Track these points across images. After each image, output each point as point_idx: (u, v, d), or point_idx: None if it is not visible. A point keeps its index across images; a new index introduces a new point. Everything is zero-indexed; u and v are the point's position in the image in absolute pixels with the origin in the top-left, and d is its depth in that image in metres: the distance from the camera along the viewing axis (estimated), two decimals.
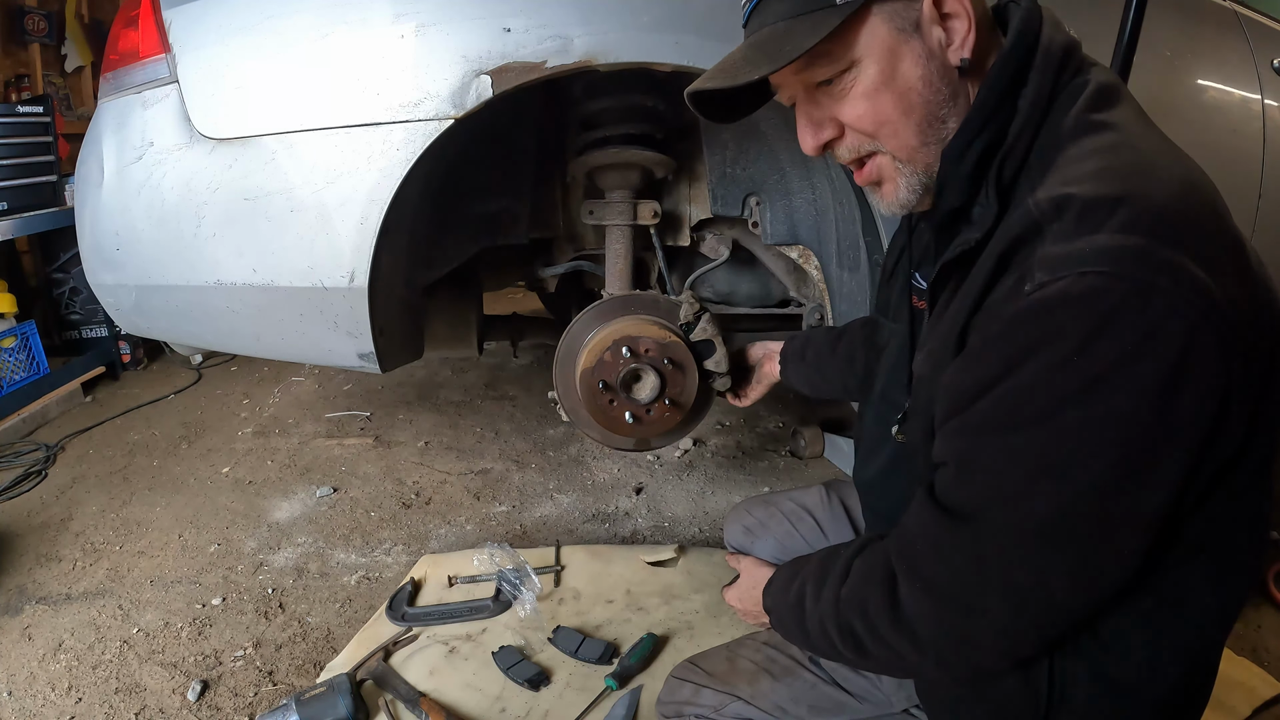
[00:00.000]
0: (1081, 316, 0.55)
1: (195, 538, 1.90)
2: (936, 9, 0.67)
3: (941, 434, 0.67)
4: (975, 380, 0.62)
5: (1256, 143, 1.83)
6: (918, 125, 0.70)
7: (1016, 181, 0.67)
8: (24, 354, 2.62)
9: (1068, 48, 0.69)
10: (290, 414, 2.70)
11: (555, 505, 2.06)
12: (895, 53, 0.68)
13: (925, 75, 0.68)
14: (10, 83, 3.41)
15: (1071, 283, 0.56)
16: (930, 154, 0.71)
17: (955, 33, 0.67)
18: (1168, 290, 0.54)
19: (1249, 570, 0.68)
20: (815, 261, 1.65)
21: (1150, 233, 0.55)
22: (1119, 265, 0.55)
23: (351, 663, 1.39)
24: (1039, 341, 0.57)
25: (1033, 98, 0.66)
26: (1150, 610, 0.66)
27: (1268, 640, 1.51)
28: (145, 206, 1.37)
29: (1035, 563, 0.61)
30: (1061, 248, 0.58)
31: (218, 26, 1.31)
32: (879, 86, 0.69)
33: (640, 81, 1.46)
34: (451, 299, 1.87)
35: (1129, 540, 0.60)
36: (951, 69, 0.68)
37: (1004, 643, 0.66)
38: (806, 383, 1.28)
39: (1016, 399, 0.59)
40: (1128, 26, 1.35)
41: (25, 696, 1.39)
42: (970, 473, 0.64)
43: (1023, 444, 0.59)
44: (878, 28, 0.67)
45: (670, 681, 1.07)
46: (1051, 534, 0.60)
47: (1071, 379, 0.56)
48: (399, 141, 1.24)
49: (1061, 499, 0.59)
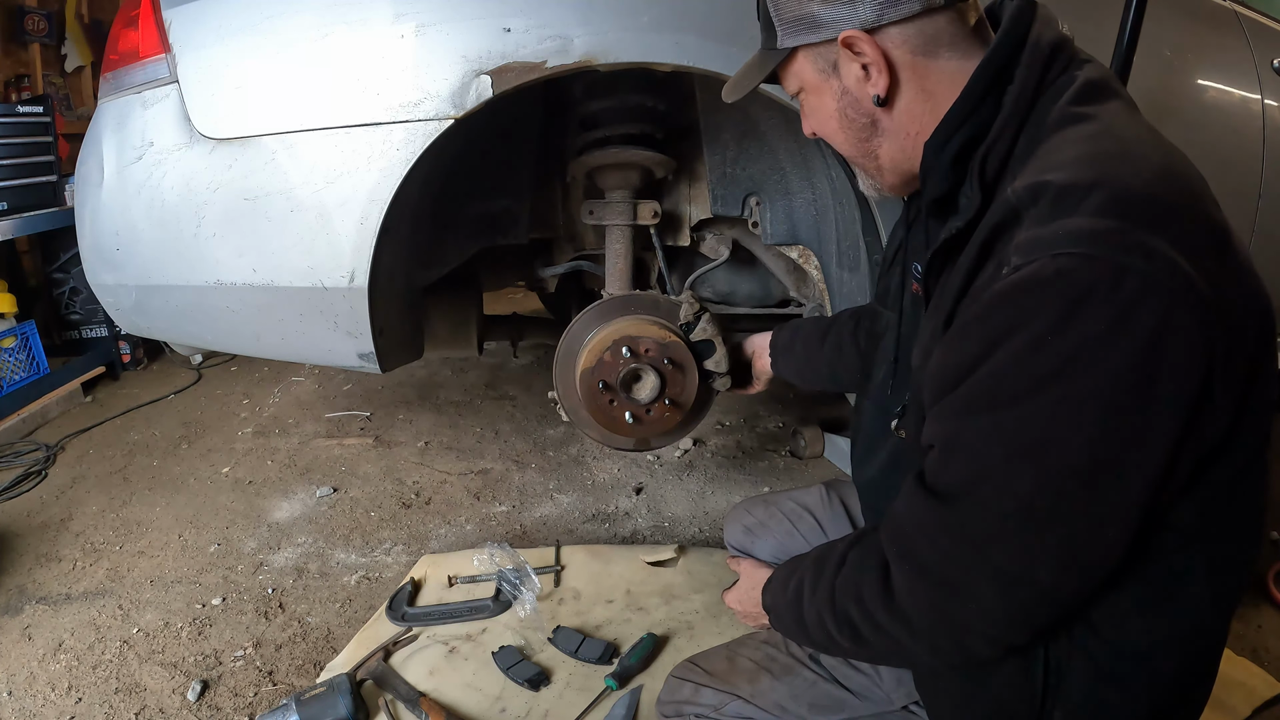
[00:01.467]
0: (1055, 297, 0.56)
1: (195, 538, 1.90)
2: (850, 50, 0.73)
3: (929, 418, 0.68)
4: (957, 363, 0.64)
5: (1256, 143, 1.83)
6: (846, 145, 0.82)
7: (1001, 175, 0.68)
8: (24, 354, 2.62)
9: (1056, 44, 0.70)
10: (290, 414, 2.70)
11: (555, 505, 2.06)
12: (819, 88, 0.79)
13: (840, 108, 0.78)
14: (10, 83, 3.41)
15: (1044, 264, 0.57)
16: (866, 164, 0.82)
17: (871, 72, 0.74)
18: (1141, 270, 0.54)
19: (1244, 562, 0.68)
20: (815, 261, 1.65)
21: (1124, 215, 0.56)
22: (1092, 246, 0.55)
23: (351, 663, 1.39)
24: (1015, 322, 0.59)
25: (1017, 93, 0.68)
26: (1144, 599, 0.66)
27: (1268, 640, 1.51)
28: (145, 206, 1.37)
29: (1019, 544, 0.62)
30: (1036, 231, 0.59)
31: (218, 26, 1.31)
32: (813, 111, 0.83)
33: (640, 81, 1.46)
34: (451, 299, 1.87)
35: (1113, 523, 0.60)
36: (868, 101, 0.76)
37: (994, 629, 0.66)
38: (796, 374, 1.29)
39: (995, 379, 0.61)
40: (1128, 26, 1.35)
41: (25, 696, 1.39)
42: (953, 454, 0.65)
43: (1002, 424, 0.61)
44: (804, 67, 0.79)
45: (670, 681, 1.07)
46: (1033, 515, 0.61)
47: (1047, 359, 0.57)
48: (399, 141, 1.24)
49: (1041, 479, 0.60)
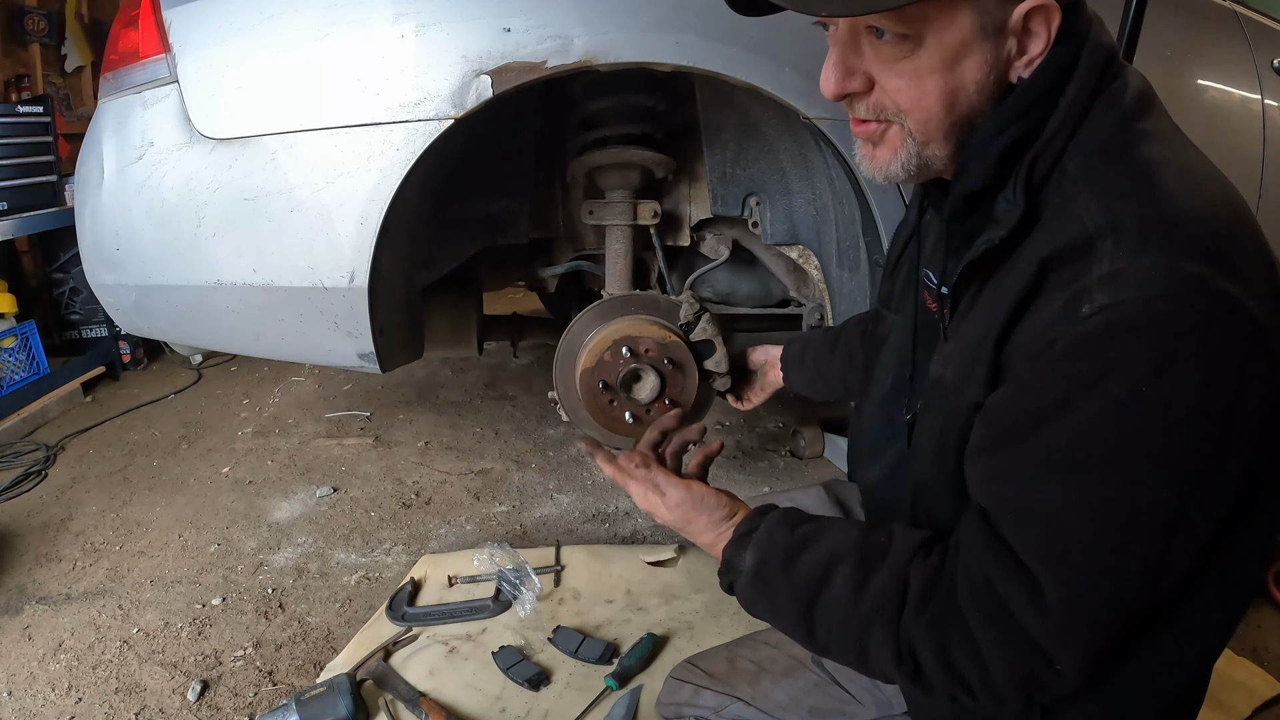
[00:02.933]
0: (1149, 346, 0.54)
1: (195, 538, 1.90)
2: (1025, 21, 0.62)
3: (986, 466, 0.64)
4: (1028, 410, 0.59)
5: (1256, 142, 1.83)
6: (951, 122, 0.66)
7: (1046, 183, 0.64)
8: (24, 354, 2.62)
9: (1112, 50, 0.67)
10: (290, 414, 2.70)
11: (555, 505, 2.06)
12: (965, 48, 0.63)
13: (980, 81, 0.64)
14: (10, 83, 3.41)
15: (1137, 308, 0.54)
16: (944, 147, 0.68)
17: (1028, 50, 0.64)
18: (1224, 321, 0.53)
19: (1254, 583, 0.68)
20: (815, 261, 1.65)
21: (1208, 258, 0.55)
22: (1184, 292, 0.54)
23: (351, 663, 1.39)
24: (1106, 369, 0.55)
25: (1073, 98, 0.63)
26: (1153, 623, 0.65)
27: (1268, 640, 1.51)
28: (145, 206, 1.37)
29: (1109, 609, 0.59)
30: (1121, 268, 0.55)
31: (218, 26, 1.31)
32: (931, 73, 0.64)
33: (640, 81, 1.46)
34: (451, 299, 1.87)
35: (1181, 568, 0.59)
36: (1005, 83, 0.65)
37: (1075, 680, 0.63)
38: (809, 386, 1.27)
39: (1079, 435, 0.57)
40: (1128, 26, 1.35)
41: (25, 696, 1.39)
42: (1031, 523, 0.60)
43: (1086, 489, 0.57)
44: (963, 17, 0.62)
45: (670, 682, 1.07)
46: (1123, 579, 0.58)
47: (1138, 413, 0.54)
48: (399, 141, 1.24)
49: (1132, 545, 0.57)
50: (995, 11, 0.62)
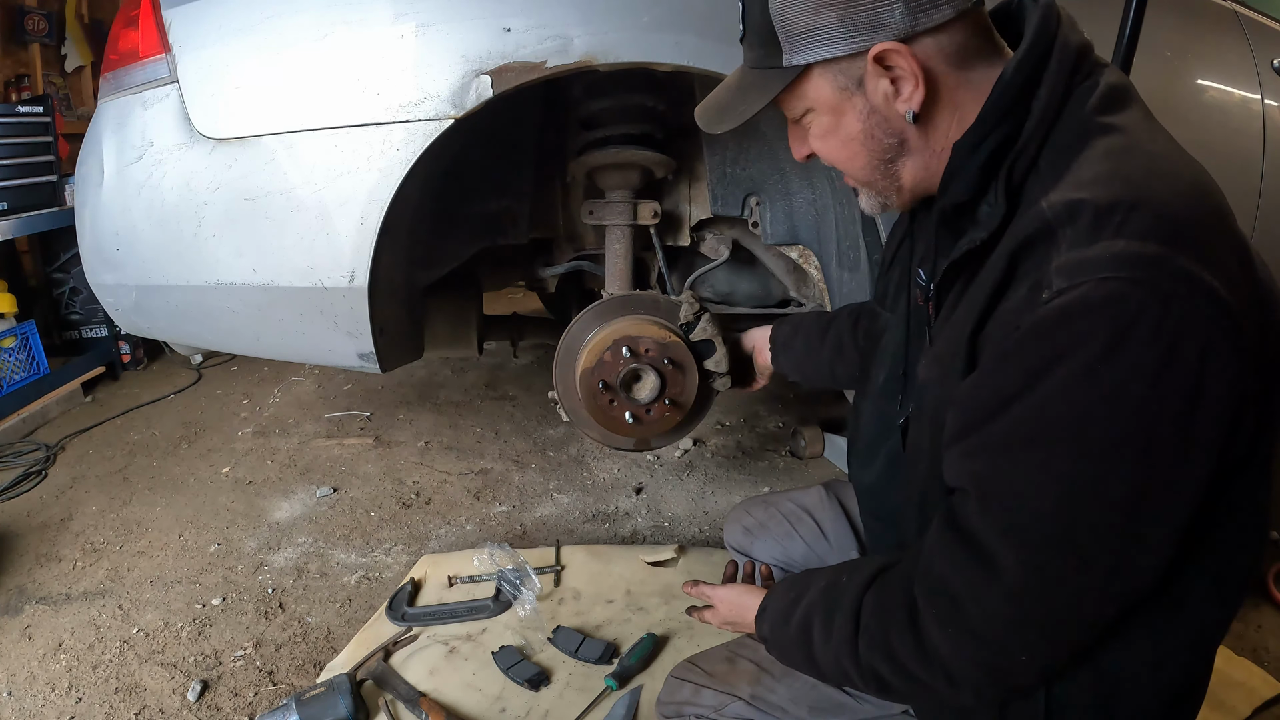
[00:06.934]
0: (1105, 324, 0.55)
1: (195, 538, 1.90)
2: (880, 65, 0.68)
3: (957, 452, 0.66)
4: (993, 394, 0.61)
5: (1257, 142, 1.83)
6: (864, 167, 0.75)
7: (1025, 183, 0.66)
8: (24, 354, 2.62)
9: (1082, 49, 0.68)
10: (290, 414, 2.70)
11: (555, 505, 2.06)
12: (838, 108, 0.72)
13: (866, 129, 0.72)
14: (10, 83, 3.41)
15: (1091, 288, 0.55)
16: (884, 185, 0.76)
17: (903, 87, 0.68)
18: (1185, 298, 0.54)
19: (1248, 575, 0.68)
20: (815, 261, 1.65)
21: (1167, 239, 0.55)
22: (1140, 271, 0.54)
23: (351, 663, 1.39)
24: (1062, 350, 0.56)
25: (1046, 99, 0.66)
26: (1150, 620, 0.66)
27: (1268, 640, 1.51)
28: (145, 206, 1.37)
29: (1069, 589, 0.61)
30: (1079, 253, 0.57)
31: (218, 26, 1.31)
32: (827, 134, 0.75)
33: (640, 81, 1.46)
34: (451, 299, 1.87)
35: (1155, 553, 0.60)
36: (899, 119, 0.71)
37: (1045, 668, 0.66)
38: (796, 370, 1.28)
39: (1039, 412, 0.58)
40: (1128, 26, 1.35)
41: (25, 696, 1.39)
42: (992, 498, 0.63)
43: (1049, 463, 0.59)
44: (820, 86, 0.72)
45: (670, 681, 1.07)
46: (1082, 557, 0.59)
47: (1094, 390, 0.56)
48: (399, 141, 1.24)
49: (1090, 518, 0.58)
50: (848, 70, 0.70)
